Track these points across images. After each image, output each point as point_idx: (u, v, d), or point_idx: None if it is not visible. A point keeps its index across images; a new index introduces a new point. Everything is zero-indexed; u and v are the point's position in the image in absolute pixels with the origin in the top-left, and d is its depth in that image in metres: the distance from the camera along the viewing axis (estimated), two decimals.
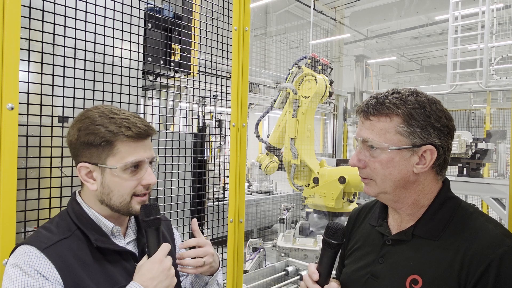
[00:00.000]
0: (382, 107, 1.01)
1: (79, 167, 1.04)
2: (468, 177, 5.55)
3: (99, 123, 1.01)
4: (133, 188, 1.05)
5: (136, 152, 1.04)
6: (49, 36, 1.41)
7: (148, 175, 1.07)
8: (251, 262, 5.07)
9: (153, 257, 1.04)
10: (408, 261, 1.02)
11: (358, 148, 1.08)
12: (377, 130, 1.02)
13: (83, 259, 0.99)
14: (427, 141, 0.99)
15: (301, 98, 4.79)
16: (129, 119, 1.03)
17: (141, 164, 1.05)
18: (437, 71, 18.94)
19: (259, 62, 11.68)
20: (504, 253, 0.91)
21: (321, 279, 1.08)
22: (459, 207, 1.04)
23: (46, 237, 0.98)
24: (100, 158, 1.02)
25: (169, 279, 1.03)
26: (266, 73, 9.78)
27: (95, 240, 1.02)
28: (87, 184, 1.04)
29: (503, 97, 10.31)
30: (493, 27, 6.79)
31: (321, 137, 13.72)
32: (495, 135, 6.52)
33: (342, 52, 13.70)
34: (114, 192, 1.04)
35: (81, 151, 1.03)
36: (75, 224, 1.03)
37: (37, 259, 0.93)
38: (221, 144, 3.62)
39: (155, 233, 1.07)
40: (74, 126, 1.04)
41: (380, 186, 1.05)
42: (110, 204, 1.05)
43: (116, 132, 1.00)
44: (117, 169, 1.02)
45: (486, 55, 6.31)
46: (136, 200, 1.07)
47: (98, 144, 1.00)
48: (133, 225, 1.17)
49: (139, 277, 1.01)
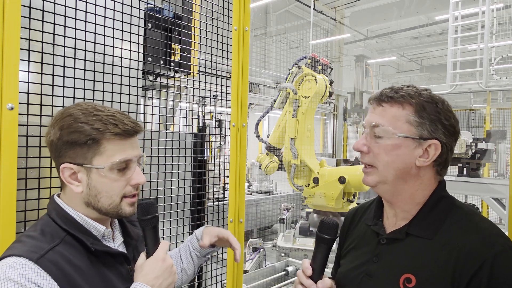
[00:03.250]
0: (396, 95, 1.04)
1: (62, 168, 0.97)
2: (468, 177, 5.55)
3: (83, 120, 0.95)
4: (122, 188, 1.00)
5: (124, 150, 0.98)
6: (49, 36, 1.41)
7: (137, 175, 1.02)
8: (251, 262, 5.08)
9: (155, 256, 1.02)
10: (402, 260, 1.02)
11: (364, 133, 1.08)
12: (388, 117, 1.03)
13: (79, 266, 0.94)
14: (434, 135, 1.01)
15: (301, 98, 4.79)
16: (115, 116, 0.98)
17: (130, 163, 1.00)
18: (437, 71, 18.95)
19: (259, 62, 11.69)
20: (498, 252, 0.91)
21: (315, 275, 1.08)
22: (453, 206, 1.05)
23: (35, 247, 0.90)
24: (86, 158, 0.96)
25: (172, 276, 1.02)
26: (266, 73, 9.79)
27: (92, 244, 0.98)
28: (71, 187, 0.98)
29: (503, 97, 10.32)
30: (493, 27, 6.79)
31: (321, 137, 13.73)
32: (495, 135, 6.52)
33: (342, 52, 13.71)
34: (102, 194, 0.98)
35: (63, 152, 0.96)
36: (63, 229, 0.97)
37: (31, 271, 0.86)
38: (221, 144, 3.62)
39: (153, 231, 1.05)
40: (55, 125, 0.97)
41: (381, 174, 1.05)
42: (98, 207, 0.99)
43: (103, 130, 0.95)
44: (105, 169, 0.96)
45: (486, 55, 6.32)
46: (126, 201, 1.02)
47: (83, 143, 0.95)
48: (118, 226, 1.13)
49: (143, 277, 0.98)
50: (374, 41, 16.19)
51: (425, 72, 19.71)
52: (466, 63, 6.98)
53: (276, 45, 12.95)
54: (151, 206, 1.04)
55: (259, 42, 12.49)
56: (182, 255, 1.42)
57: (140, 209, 1.04)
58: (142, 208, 1.04)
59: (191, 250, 1.41)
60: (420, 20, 13.41)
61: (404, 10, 11.82)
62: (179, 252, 1.43)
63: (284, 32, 13.10)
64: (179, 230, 1.96)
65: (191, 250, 1.41)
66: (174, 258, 1.41)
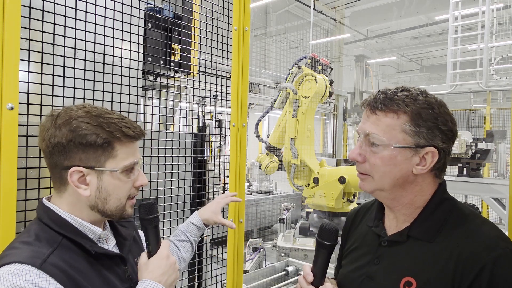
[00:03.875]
0: (390, 103, 0.99)
1: (72, 171, 0.94)
2: (468, 177, 5.55)
3: (97, 123, 0.94)
4: (129, 190, 1.03)
5: (132, 153, 1.01)
6: (49, 36, 1.41)
7: (141, 176, 1.05)
8: (251, 262, 5.07)
9: (159, 253, 1.06)
10: (403, 262, 1.02)
11: (359, 142, 1.06)
12: (382, 126, 1.00)
13: (80, 269, 0.94)
14: (431, 143, 0.98)
15: (301, 98, 4.79)
16: (125, 119, 1.00)
17: (135, 166, 1.03)
18: (437, 71, 18.95)
19: (259, 62, 11.69)
20: (498, 256, 0.90)
21: (316, 280, 1.07)
22: (454, 208, 1.03)
23: (35, 252, 0.89)
24: (99, 161, 0.96)
25: (175, 272, 1.07)
26: (266, 73, 9.79)
27: (91, 247, 0.97)
28: (79, 190, 0.96)
29: (503, 97, 10.32)
30: (493, 27, 6.79)
31: (321, 137, 13.73)
32: (495, 135, 6.53)
33: (342, 52, 13.71)
34: (112, 196, 0.99)
35: (73, 154, 0.94)
36: (59, 233, 0.95)
37: (37, 276, 0.84)
38: (221, 144, 3.62)
39: (155, 230, 1.08)
40: (62, 126, 0.93)
41: (377, 183, 1.04)
42: (105, 209, 0.99)
43: (117, 133, 0.96)
44: (118, 172, 0.98)
45: (486, 55, 6.31)
46: (129, 203, 1.04)
47: (99, 146, 0.94)
48: (108, 228, 1.13)
49: (149, 274, 1.01)
50: (374, 41, 16.19)
51: (425, 72, 19.71)
52: (466, 63, 6.97)
53: (276, 45, 12.95)
54: (154, 206, 1.08)
55: (259, 42, 12.49)
56: (178, 245, 1.48)
57: (143, 209, 1.07)
58: (145, 208, 1.07)
59: (191, 239, 1.50)
60: (420, 20, 13.41)
61: (404, 10, 11.81)
62: (173, 244, 1.48)
63: (284, 32, 13.10)
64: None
65: (190, 239, 1.50)
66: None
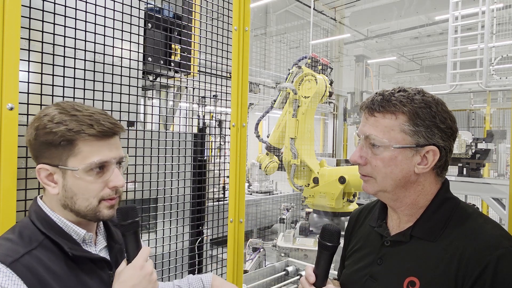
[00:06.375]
0: (388, 104, 1.00)
1: (38, 169, 0.95)
2: (468, 177, 5.54)
3: (58, 120, 0.92)
4: (99, 191, 0.97)
5: (100, 151, 0.95)
6: (49, 36, 1.41)
7: (115, 177, 0.98)
8: (251, 262, 5.07)
9: (133, 263, 0.98)
10: (406, 262, 1.02)
11: (359, 144, 1.06)
12: (381, 127, 1.01)
13: (56, 272, 0.90)
14: (431, 141, 0.99)
15: (301, 98, 4.80)
16: (93, 116, 0.95)
17: (107, 165, 0.97)
18: (437, 71, 18.95)
19: (259, 62, 11.69)
20: (501, 255, 0.90)
21: (318, 281, 1.08)
22: (457, 207, 1.04)
23: (10, 250, 0.87)
24: (61, 159, 0.94)
25: (151, 284, 0.99)
26: (266, 73, 9.80)
27: (70, 249, 0.94)
28: (48, 188, 0.96)
29: (503, 97, 10.32)
30: (493, 27, 6.79)
31: (321, 137, 13.73)
32: (495, 135, 6.52)
33: (342, 52, 13.71)
34: (78, 196, 0.95)
35: (40, 152, 0.95)
36: (42, 232, 0.94)
37: (3, 275, 0.83)
38: (221, 144, 3.62)
39: (133, 236, 1.01)
40: (32, 125, 0.94)
41: (380, 184, 1.04)
42: (75, 209, 0.96)
43: (77, 130, 0.92)
44: (79, 171, 0.93)
45: (486, 55, 6.31)
46: (104, 204, 0.98)
47: (58, 144, 0.92)
48: (102, 230, 1.10)
49: (120, 285, 0.95)
50: (374, 41, 16.19)
51: (425, 72, 19.71)
52: (466, 63, 6.97)
53: (276, 45, 12.96)
54: (131, 211, 1.01)
55: (259, 42, 12.49)
56: None
57: (119, 213, 1.01)
58: (121, 213, 1.00)
59: None
60: (420, 20, 13.40)
61: (404, 10, 11.81)
62: (173, 285, 1.31)
63: (284, 32, 13.11)
64: (179, 230, 1.96)
65: None
66: None
